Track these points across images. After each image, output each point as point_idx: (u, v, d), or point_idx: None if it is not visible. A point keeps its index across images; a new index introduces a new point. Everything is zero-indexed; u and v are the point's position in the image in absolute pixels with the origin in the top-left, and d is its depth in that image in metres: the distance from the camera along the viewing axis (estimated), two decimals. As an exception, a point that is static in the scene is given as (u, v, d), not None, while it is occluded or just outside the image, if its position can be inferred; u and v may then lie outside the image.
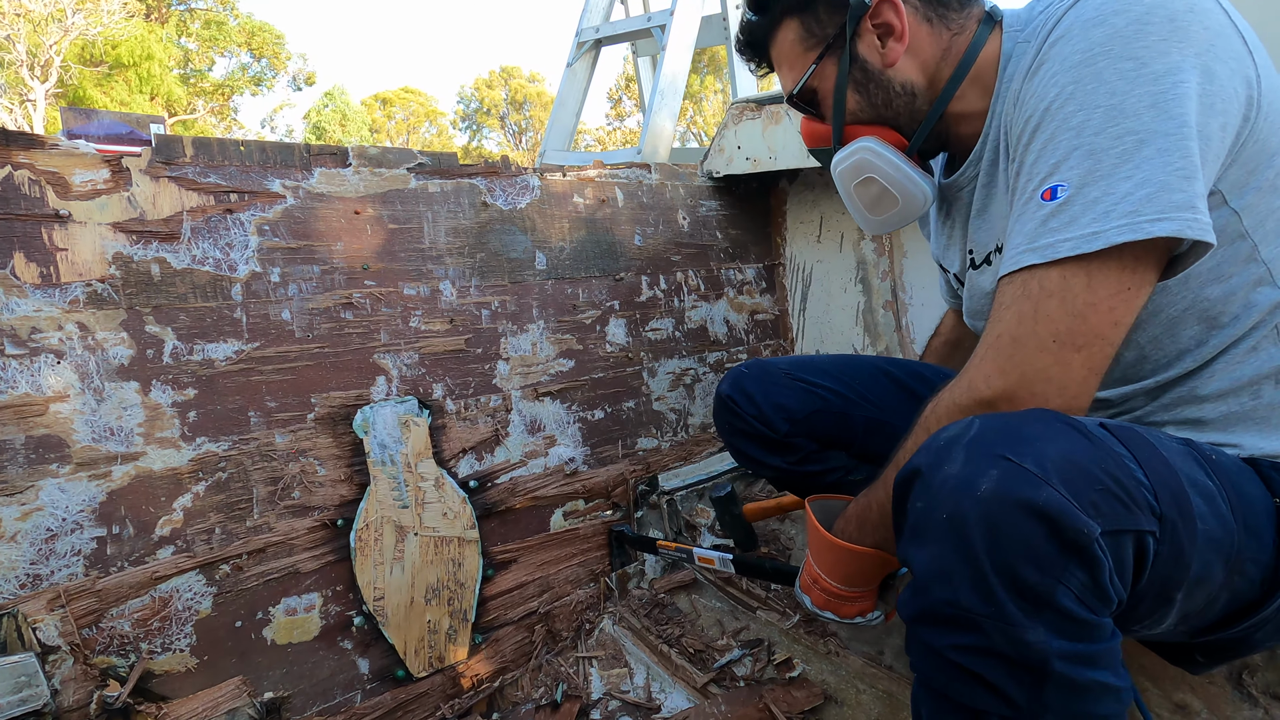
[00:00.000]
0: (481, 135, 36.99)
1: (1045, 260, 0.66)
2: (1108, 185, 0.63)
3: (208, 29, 23.49)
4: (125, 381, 1.11)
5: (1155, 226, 0.61)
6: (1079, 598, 0.58)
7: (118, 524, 1.09)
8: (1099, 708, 0.60)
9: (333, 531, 1.27)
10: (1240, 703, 1.02)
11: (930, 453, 0.64)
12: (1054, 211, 0.66)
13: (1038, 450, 0.59)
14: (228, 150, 1.22)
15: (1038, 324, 0.66)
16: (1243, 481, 0.69)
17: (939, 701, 0.64)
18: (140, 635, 1.09)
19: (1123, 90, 0.63)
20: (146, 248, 1.13)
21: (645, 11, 3.11)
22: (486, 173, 1.52)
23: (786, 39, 0.93)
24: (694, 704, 1.27)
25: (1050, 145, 0.68)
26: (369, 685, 1.29)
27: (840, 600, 0.91)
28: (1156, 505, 0.61)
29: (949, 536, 0.60)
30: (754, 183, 2.03)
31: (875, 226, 1.00)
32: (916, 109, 0.88)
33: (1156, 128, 0.62)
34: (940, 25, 0.85)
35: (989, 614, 0.58)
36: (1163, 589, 0.64)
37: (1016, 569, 0.57)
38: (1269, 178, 0.69)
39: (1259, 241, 0.70)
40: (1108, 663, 0.60)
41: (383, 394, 1.35)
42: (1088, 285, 0.64)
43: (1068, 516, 0.57)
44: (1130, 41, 0.64)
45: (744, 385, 1.19)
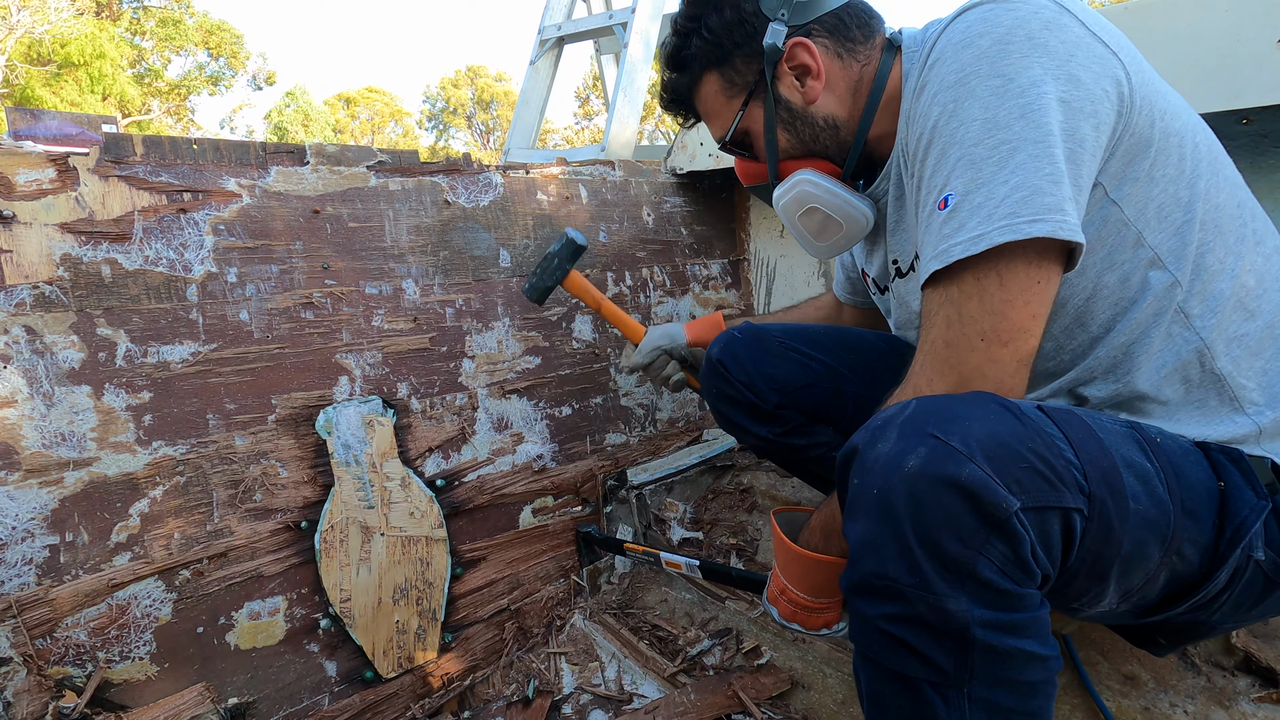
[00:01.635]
0: (448, 135, 36.60)
1: (944, 264, 0.70)
2: (988, 191, 0.68)
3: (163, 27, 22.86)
4: (76, 386, 1.08)
5: (1031, 227, 0.65)
6: (1000, 569, 0.61)
7: (71, 531, 1.06)
8: (1025, 674, 0.63)
9: (296, 534, 1.26)
10: (1184, 672, 1.07)
11: (868, 431, 0.67)
12: (946, 219, 0.70)
13: (965, 429, 0.62)
14: (180, 149, 1.20)
15: (964, 326, 0.70)
16: (1185, 465, 0.71)
17: (874, 668, 0.67)
18: (98, 644, 1.07)
19: (994, 105, 0.68)
20: (96, 248, 1.11)
21: (607, 9, 3.12)
22: (448, 170, 1.51)
23: (709, 91, 0.98)
24: (664, 694, 1.29)
25: (941, 160, 0.72)
26: (337, 688, 1.28)
27: (807, 612, 0.92)
28: (1085, 484, 0.64)
29: (878, 511, 0.63)
30: (718, 179, 2.05)
31: (822, 252, 1.04)
32: (842, 140, 0.94)
33: (1026, 135, 0.67)
34: (850, 59, 0.91)
35: (914, 584, 0.61)
36: (1095, 566, 0.66)
37: (939, 541, 0.60)
38: (1144, 168, 0.73)
39: (1142, 229, 0.74)
40: (1033, 632, 0.63)
41: (346, 394, 1.33)
42: (1000, 284, 0.68)
43: (988, 492, 0.60)
44: (996, 60, 0.69)
45: (735, 350, 1.19)
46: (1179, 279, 0.75)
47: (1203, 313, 0.75)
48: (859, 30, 0.91)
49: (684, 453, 1.84)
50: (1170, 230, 0.74)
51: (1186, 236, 0.74)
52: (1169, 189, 0.74)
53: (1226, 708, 0.99)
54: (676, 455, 1.82)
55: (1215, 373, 0.76)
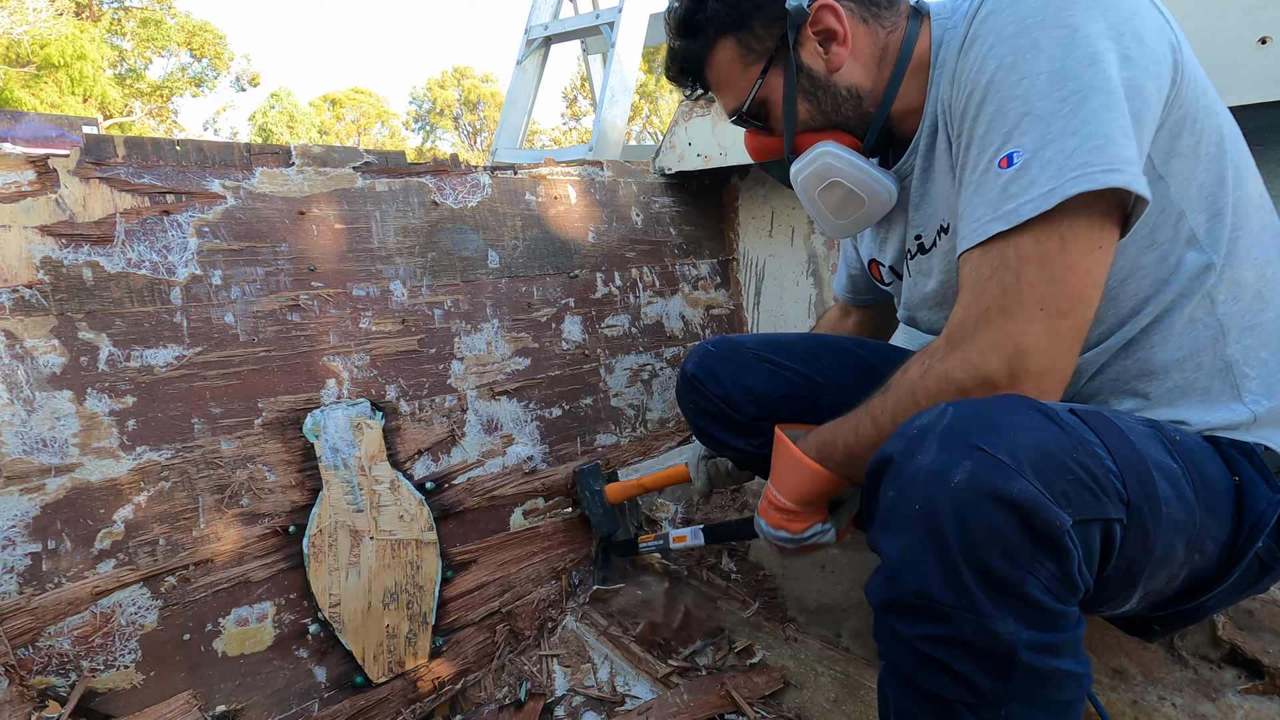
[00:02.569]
0: (435, 136, 36.44)
1: (1011, 225, 0.66)
2: (1060, 144, 0.64)
3: (144, 28, 22.60)
4: (58, 390, 1.06)
5: (1107, 177, 0.62)
6: (1047, 588, 0.59)
7: (54, 538, 1.05)
8: (1061, 694, 0.61)
9: (284, 538, 1.24)
10: (1172, 665, 1.08)
11: (903, 440, 0.64)
12: (1013, 177, 0.66)
13: (1010, 440, 0.59)
14: (163, 150, 1.18)
15: (1023, 293, 0.66)
16: (1204, 461, 0.71)
17: (905, 688, 0.65)
18: (81, 653, 1.06)
19: (1061, 56, 0.65)
20: (77, 251, 1.09)
21: (594, 9, 3.12)
22: (435, 171, 1.50)
23: (724, 58, 0.91)
24: (657, 695, 1.29)
25: (1000, 115, 0.68)
26: (327, 693, 1.26)
27: (792, 517, 0.93)
28: (1124, 492, 0.62)
29: (921, 527, 0.60)
30: (706, 179, 2.05)
31: (840, 230, 0.98)
32: (864, 110, 0.88)
33: (1097, 84, 0.64)
34: (875, 25, 0.86)
35: (959, 605, 0.58)
36: (1128, 572, 0.65)
37: (987, 560, 0.58)
38: (1190, 144, 0.71)
39: (1185, 207, 0.72)
40: (1071, 650, 0.61)
41: (333, 397, 1.32)
42: (1062, 248, 0.65)
43: (1040, 508, 0.57)
44: (1061, 10, 0.66)
45: (710, 365, 1.17)
46: (1214, 261, 0.73)
47: (1227, 299, 0.74)
48: None
49: (675, 452, 1.83)
50: (1210, 211, 0.73)
51: (1223, 218, 0.73)
52: (1211, 168, 0.72)
53: (1214, 700, 1.00)
54: (667, 455, 1.82)
55: (1225, 359, 0.75)
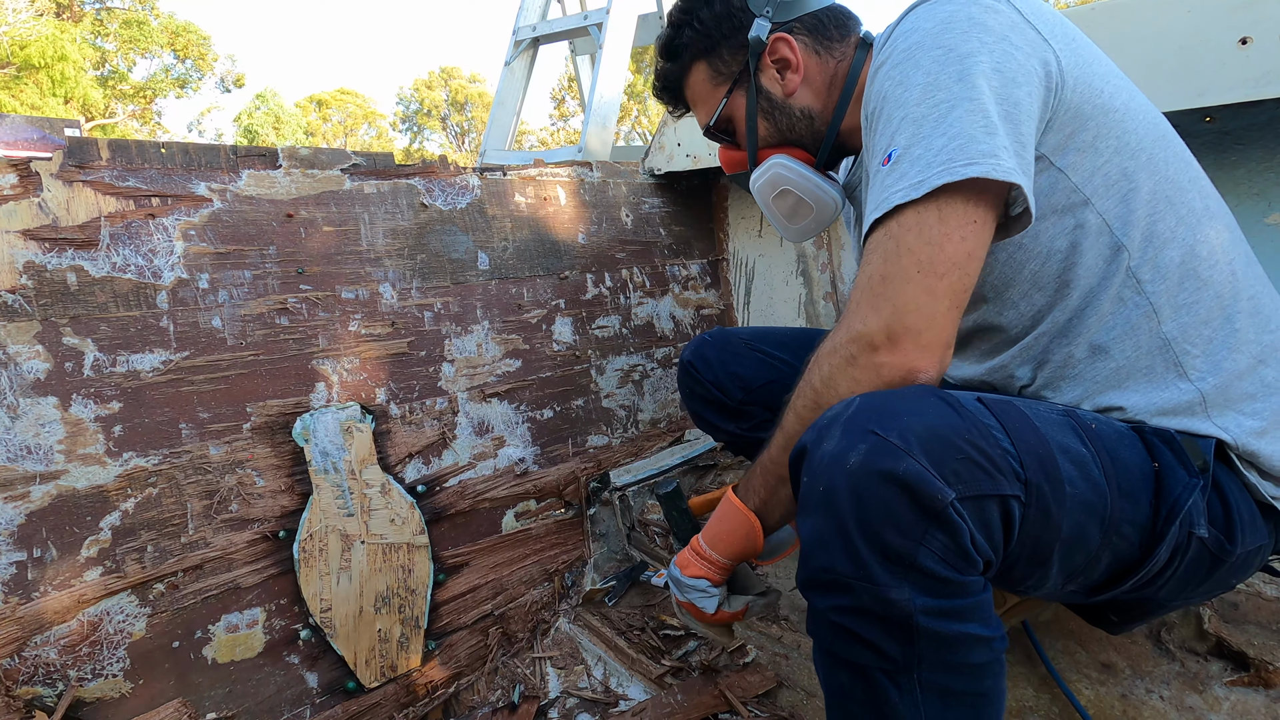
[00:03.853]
0: (423, 137, 36.28)
1: (884, 210, 0.73)
2: (928, 143, 0.71)
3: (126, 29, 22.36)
4: (42, 397, 1.05)
5: (967, 169, 0.68)
6: (941, 558, 0.63)
7: (39, 546, 1.03)
8: (970, 656, 0.66)
9: (274, 544, 1.23)
10: (1159, 658, 1.09)
11: (815, 430, 0.70)
12: (889, 171, 0.74)
13: (903, 424, 0.64)
14: (147, 152, 1.17)
15: (901, 257, 0.71)
16: (1120, 448, 0.74)
17: (829, 659, 0.70)
18: (69, 662, 1.04)
19: (935, 70, 0.73)
20: (61, 256, 1.08)
21: (582, 10, 3.11)
22: (424, 173, 1.49)
23: (698, 79, 1.04)
24: (651, 695, 1.29)
25: (886, 123, 0.76)
26: (319, 699, 1.26)
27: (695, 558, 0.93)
28: (1022, 471, 0.66)
29: (824, 507, 0.65)
30: (695, 179, 2.05)
31: (796, 235, 1.10)
32: (816, 130, 1.00)
33: (962, 95, 0.71)
34: (826, 55, 0.98)
35: (858, 576, 0.64)
36: (1036, 550, 0.69)
37: (881, 534, 0.63)
38: (1087, 139, 0.77)
39: (1091, 195, 0.78)
40: (976, 616, 0.65)
41: (323, 400, 1.31)
42: (939, 218, 0.70)
43: (925, 484, 0.62)
44: (939, 36, 0.75)
45: (704, 353, 1.26)
46: (1125, 244, 0.78)
47: (1153, 278, 0.78)
48: (836, 30, 0.98)
49: (666, 453, 1.84)
50: (1116, 197, 0.78)
51: (1133, 203, 0.78)
52: (1114, 159, 0.78)
53: (1200, 692, 1.02)
54: (659, 456, 1.82)
55: (1162, 337, 0.78)
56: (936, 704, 0.66)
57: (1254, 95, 1.05)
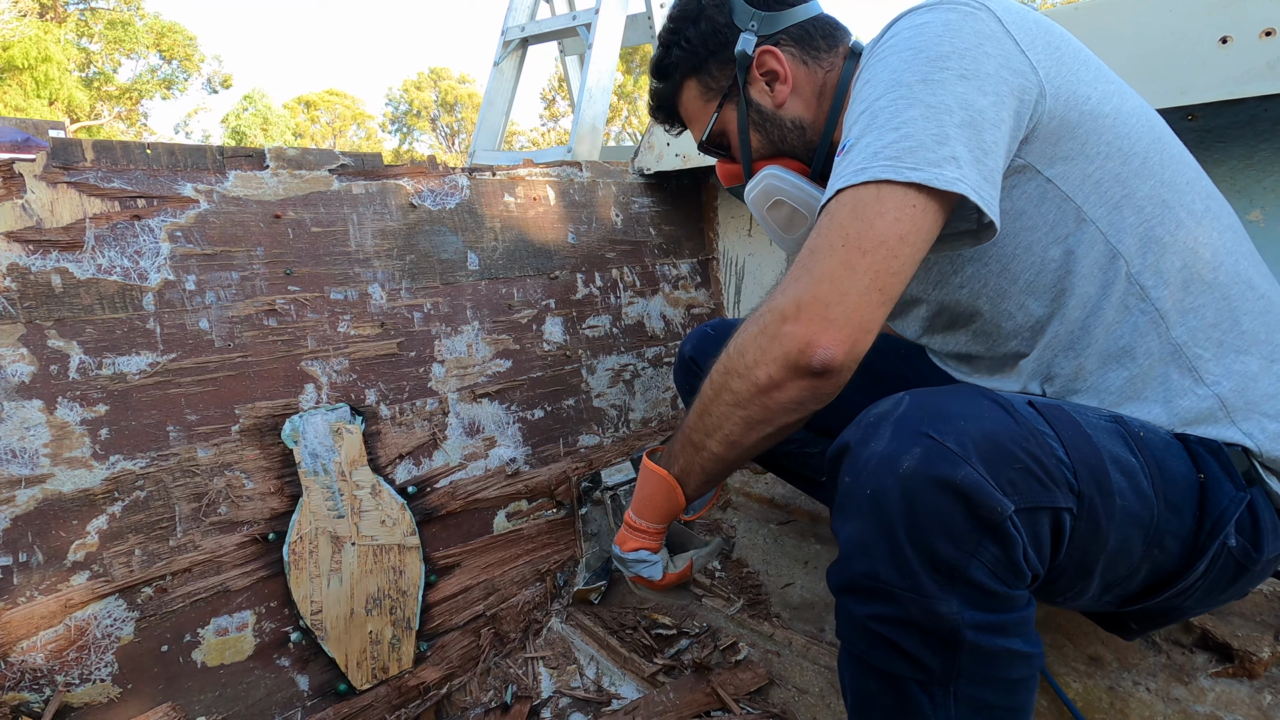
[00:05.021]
0: (412, 138, 36.14)
1: (828, 196, 0.72)
2: (879, 134, 0.71)
3: (111, 29, 22.15)
4: (27, 400, 1.04)
5: (912, 174, 0.67)
6: (992, 571, 0.61)
7: (25, 551, 1.02)
8: (1010, 672, 0.64)
9: (264, 546, 1.23)
10: (1146, 651, 1.10)
11: (859, 429, 0.67)
12: (841, 160, 0.73)
13: (960, 428, 0.62)
14: (133, 153, 1.16)
15: (831, 231, 0.70)
16: (1167, 458, 0.72)
17: (859, 666, 0.67)
18: (56, 667, 1.03)
19: (901, 69, 0.73)
20: (45, 258, 1.07)
21: (570, 10, 3.11)
22: (413, 173, 1.49)
23: (689, 96, 1.06)
24: (644, 694, 1.29)
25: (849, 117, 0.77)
26: (310, 702, 1.25)
27: (629, 531, 0.95)
28: (1075, 483, 0.64)
29: (871, 511, 0.62)
30: (685, 179, 2.06)
31: (793, 245, 1.08)
32: (808, 140, 1.00)
33: (922, 98, 0.70)
34: (815, 65, 0.98)
35: (905, 586, 0.61)
36: (1081, 562, 0.67)
37: (932, 544, 0.60)
38: (1074, 147, 0.76)
39: (1082, 203, 0.77)
40: (1019, 631, 0.63)
41: (312, 402, 1.31)
42: (876, 196, 0.69)
43: (983, 494, 0.59)
44: (912, 39, 0.75)
45: (705, 347, 1.25)
46: (1120, 251, 0.77)
47: (1156, 284, 0.77)
48: (823, 40, 0.98)
49: (657, 452, 1.84)
50: (1109, 204, 0.77)
51: (1126, 210, 0.76)
52: (1105, 165, 0.76)
53: (1186, 684, 1.03)
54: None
55: (1173, 343, 0.77)
56: (969, 717, 0.64)
57: (1234, 94, 1.06)
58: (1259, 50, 1.03)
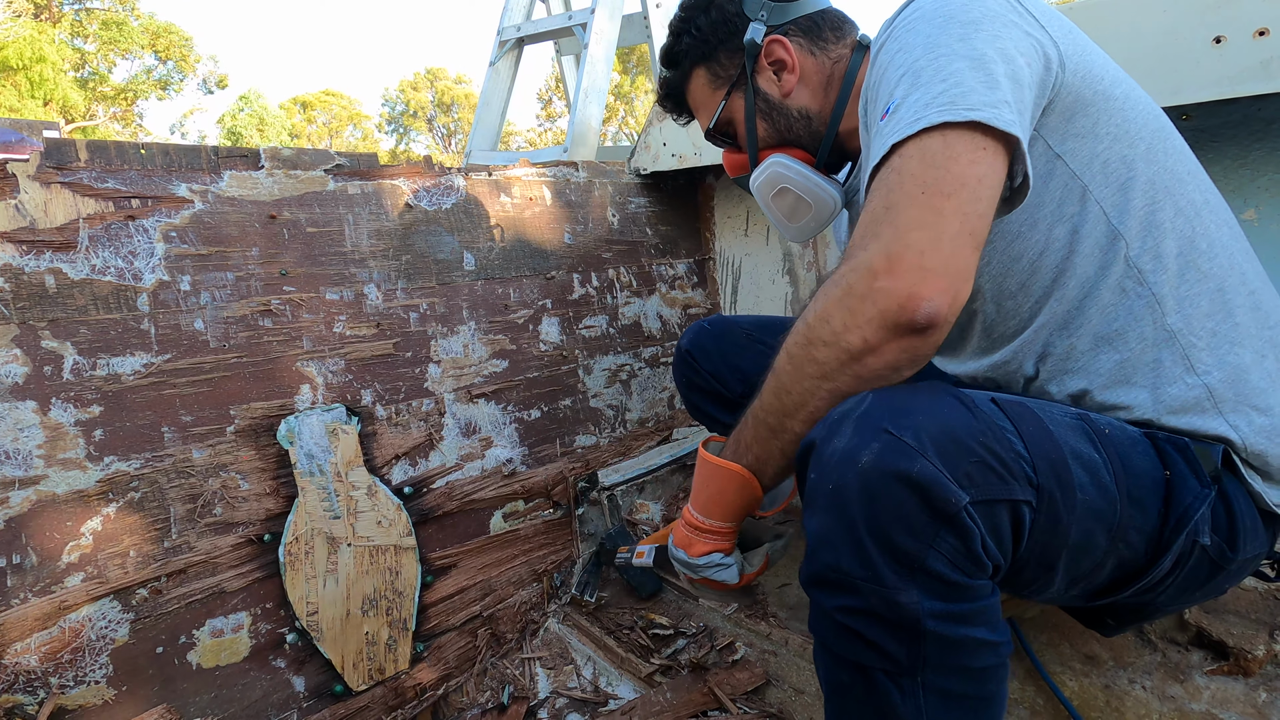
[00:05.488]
0: (409, 138, 36.10)
1: (881, 154, 0.69)
2: (927, 89, 0.68)
3: (107, 30, 22.09)
4: (20, 401, 1.04)
5: (969, 114, 0.65)
6: (951, 562, 0.62)
7: (19, 553, 1.02)
8: (976, 660, 0.65)
9: (259, 547, 1.22)
10: (1142, 649, 1.10)
11: (825, 426, 0.68)
12: (888, 121, 0.70)
13: (918, 423, 0.63)
14: (127, 154, 1.16)
15: (904, 183, 0.66)
16: (1133, 455, 0.73)
17: (831, 657, 0.69)
18: (50, 669, 1.03)
19: (936, 33, 0.72)
20: (39, 258, 1.07)
21: (566, 10, 3.11)
22: (409, 173, 1.49)
23: (698, 84, 1.06)
24: (641, 694, 1.29)
25: (885, 86, 0.74)
26: (306, 703, 1.25)
27: (695, 533, 0.88)
28: (1034, 476, 0.65)
29: (833, 505, 0.64)
30: (681, 179, 2.06)
31: (796, 234, 1.10)
32: (814, 130, 1.01)
33: (963, 51, 0.69)
34: (822, 56, 0.99)
35: (866, 577, 0.62)
36: (1043, 555, 0.68)
37: (891, 535, 0.61)
38: (1087, 125, 0.76)
39: (1089, 182, 0.76)
40: (983, 620, 0.65)
41: (308, 402, 1.30)
42: (944, 143, 0.65)
43: (938, 487, 0.60)
44: (939, 8, 0.74)
45: (703, 342, 1.25)
46: (1122, 233, 0.76)
47: (1154, 269, 0.76)
48: (831, 31, 1.00)
49: (654, 452, 1.84)
50: (1115, 185, 0.76)
51: (1131, 193, 0.76)
52: (1113, 146, 0.76)
53: (1182, 681, 1.03)
54: (647, 455, 1.82)
55: (1168, 329, 0.77)
56: (938, 706, 0.65)
57: (1228, 94, 1.06)
58: (1253, 50, 1.03)
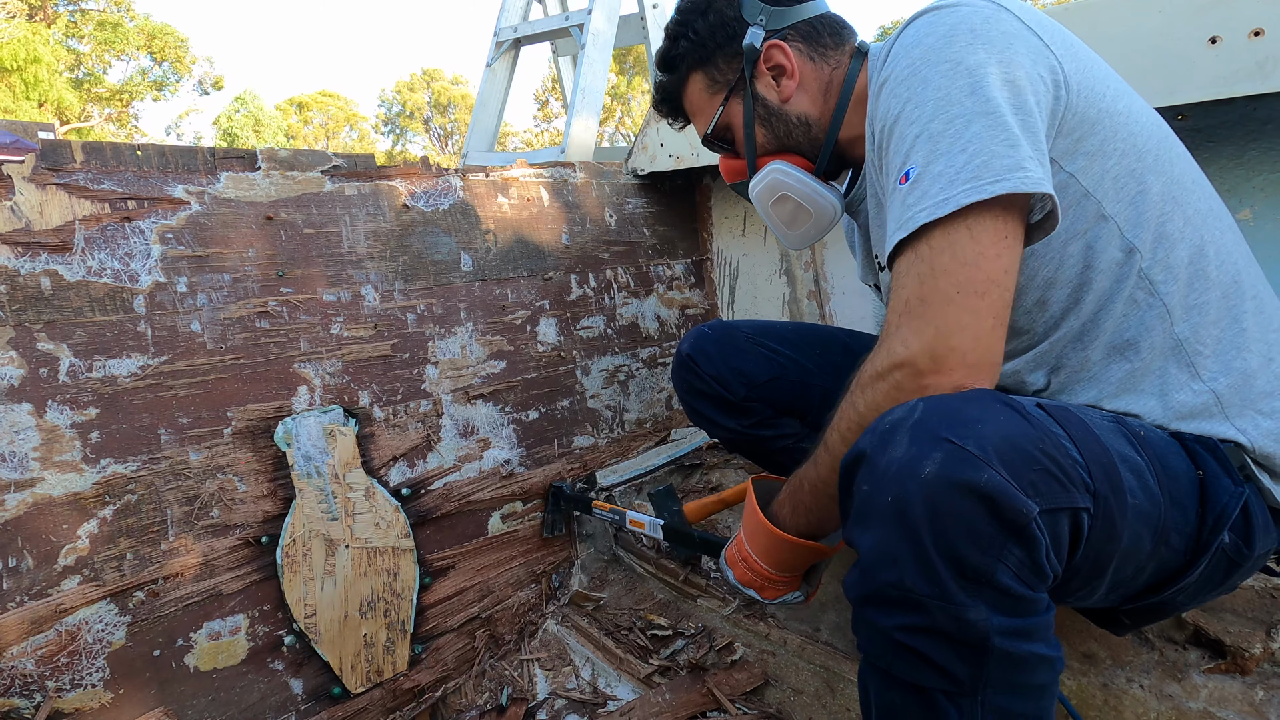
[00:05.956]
0: (405, 139, 36.06)
1: (909, 231, 0.71)
2: (948, 160, 0.70)
3: (102, 31, 22.02)
4: (16, 403, 1.03)
5: (995, 186, 0.68)
6: (1017, 575, 0.60)
7: (15, 556, 1.02)
8: (1035, 677, 0.63)
9: (257, 549, 1.22)
10: (1139, 648, 1.11)
11: (875, 436, 0.65)
12: (910, 189, 0.73)
13: (979, 432, 0.61)
14: (123, 155, 1.15)
15: (938, 279, 0.69)
16: (1169, 455, 0.73)
17: (884, 679, 0.66)
18: (46, 673, 1.03)
19: (945, 85, 0.73)
20: (35, 260, 1.06)
21: (563, 11, 3.11)
22: (406, 174, 1.49)
23: (695, 89, 1.05)
24: (639, 695, 1.29)
25: (900, 141, 0.76)
26: (304, 706, 1.24)
27: (765, 582, 0.94)
28: (1091, 482, 0.64)
29: (894, 519, 0.61)
30: (679, 179, 2.06)
31: (796, 242, 1.09)
32: (814, 136, 1.00)
33: (977, 109, 0.71)
34: (821, 62, 0.98)
35: (932, 594, 0.60)
36: (1096, 562, 0.67)
37: (958, 549, 0.59)
38: (1095, 144, 0.77)
39: (1102, 199, 0.77)
40: (1042, 635, 0.63)
41: (305, 404, 1.30)
42: (971, 237, 0.69)
43: (1008, 497, 0.59)
44: (943, 50, 0.74)
45: (704, 346, 1.24)
46: (1137, 246, 0.77)
47: (1165, 279, 0.77)
48: (830, 37, 0.98)
49: (652, 453, 1.84)
50: (1126, 199, 0.77)
51: (1142, 205, 0.77)
52: (1122, 161, 0.77)
53: (1179, 680, 1.03)
54: (645, 456, 1.82)
55: (1175, 337, 0.77)
56: None
57: (1224, 94, 1.07)
58: (1248, 50, 1.03)
